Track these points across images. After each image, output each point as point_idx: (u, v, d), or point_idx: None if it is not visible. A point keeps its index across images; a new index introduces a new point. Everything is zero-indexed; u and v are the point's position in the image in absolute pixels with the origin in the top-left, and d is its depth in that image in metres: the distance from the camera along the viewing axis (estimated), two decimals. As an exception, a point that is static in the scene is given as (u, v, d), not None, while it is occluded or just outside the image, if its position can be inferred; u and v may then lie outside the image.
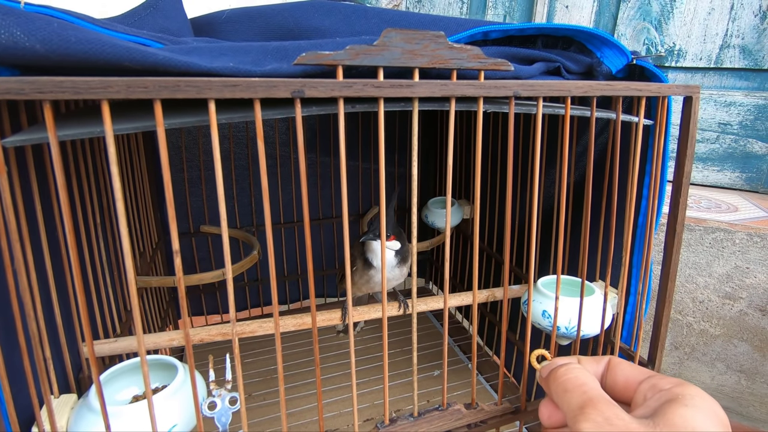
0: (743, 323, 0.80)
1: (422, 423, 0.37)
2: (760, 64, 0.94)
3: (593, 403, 0.23)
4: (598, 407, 0.23)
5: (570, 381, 0.25)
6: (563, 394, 0.25)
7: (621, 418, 0.22)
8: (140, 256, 0.64)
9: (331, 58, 0.27)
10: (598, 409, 0.23)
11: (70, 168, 0.40)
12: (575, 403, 0.24)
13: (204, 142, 0.77)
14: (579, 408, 0.23)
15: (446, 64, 0.29)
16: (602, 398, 0.24)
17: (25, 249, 0.29)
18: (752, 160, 0.99)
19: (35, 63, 0.25)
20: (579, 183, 0.56)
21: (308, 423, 0.64)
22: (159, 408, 0.31)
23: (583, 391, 0.24)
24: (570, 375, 0.26)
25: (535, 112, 0.33)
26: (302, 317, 0.46)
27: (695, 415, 0.22)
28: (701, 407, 0.22)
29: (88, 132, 0.25)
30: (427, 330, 0.88)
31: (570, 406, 0.24)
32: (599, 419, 0.22)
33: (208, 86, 0.24)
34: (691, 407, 0.22)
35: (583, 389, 0.24)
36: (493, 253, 0.75)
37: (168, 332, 0.43)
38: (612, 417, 0.22)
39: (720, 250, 0.79)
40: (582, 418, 0.23)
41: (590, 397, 0.24)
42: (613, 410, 0.23)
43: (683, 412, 0.22)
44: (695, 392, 0.23)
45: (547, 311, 0.45)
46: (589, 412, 0.23)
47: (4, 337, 0.30)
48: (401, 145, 0.90)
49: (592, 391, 0.24)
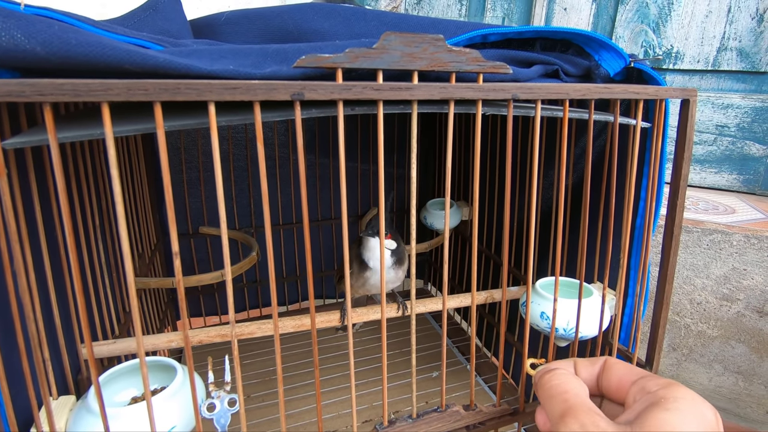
0: (740, 325, 0.80)
1: (421, 424, 0.37)
2: (757, 67, 0.95)
3: (572, 410, 0.23)
4: (576, 415, 0.23)
5: (553, 388, 0.26)
6: (548, 400, 0.25)
7: (596, 425, 0.22)
8: (139, 258, 0.64)
9: (330, 61, 0.27)
10: (576, 417, 0.23)
11: (69, 169, 0.40)
12: (557, 410, 0.24)
13: (203, 144, 0.77)
14: (559, 416, 0.24)
15: (445, 67, 0.29)
16: (582, 406, 0.24)
17: (24, 251, 0.29)
18: (749, 162, 0.99)
19: (36, 65, 0.25)
20: (577, 185, 0.57)
21: (307, 424, 0.64)
22: (158, 409, 0.31)
23: (565, 398, 0.24)
24: (554, 382, 0.26)
25: (533, 115, 0.33)
26: (301, 318, 0.46)
27: (675, 419, 0.21)
28: (684, 410, 0.22)
29: (88, 134, 0.25)
30: (425, 331, 0.88)
31: (552, 413, 0.25)
32: (575, 427, 0.22)
33: (208, 89, 0.24)
34: (673, 411, 0.22)
35: (564, 396, 0.25)
36: (492, 255, 0.76)
37: (167, 333, 0.43)
38: (588, 424, 0.22)
39: (717, 252, 0.79)
40: (561, 426, 0.23)
41: (570, 405, 0.24)
42: (591, 417, 0.23)
43: (663, 416, 0.21)
44: (681, 394, 0.23)
45: (545, 313, 0.45)
46: (567, 420, 0.23)
47: (3, 339, 0.30)
48: (400, 146, 0.90)
49: (574, 399, 0.24)
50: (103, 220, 0.49)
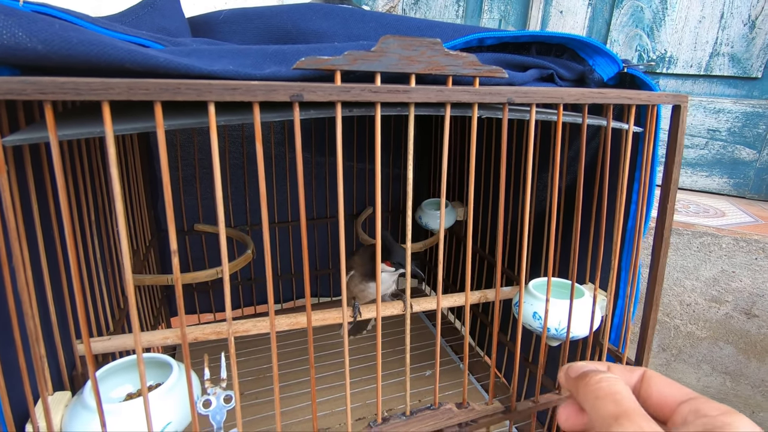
0: (729, 326, 0.81)
1: (414, 422, 0.37)
2: (749, 72, 0.96)
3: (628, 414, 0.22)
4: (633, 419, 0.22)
5: (602, 389, 0.24)
6: (594, 400, 0.24)
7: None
8: (134, 255, 0.64)
9: (329, 63, 0.27)
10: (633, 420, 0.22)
11: (66, 166, 0.40)
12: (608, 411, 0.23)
13: (199, 141, 0.77)
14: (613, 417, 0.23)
15: (442, 71, 0.30)
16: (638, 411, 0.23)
17: (22, 247, 0.29)
18: (740, 166, 1.01)
19: (36, 63, 0.25)
20: (571, 187, 0.57)
21: (301, 422, 0.64)
22: (154, 406, 0.32)
23: (616, 400, 0.23)
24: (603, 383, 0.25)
25: (528, 118, 0.34)
26: (296, 316, 0.46)
27: None
28: None
29: (88, 132, 0.25)
30: (419, 330, 0.89)
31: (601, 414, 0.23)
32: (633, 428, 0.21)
33: (209, 89, 0.25)
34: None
35: (616, 398, 0.24)
36: (486, 255, 0.76)
37: (162, 330, 0.44)
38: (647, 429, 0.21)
39: (707, 254, 0.80)
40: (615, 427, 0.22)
41: (625, 409, 0.23)
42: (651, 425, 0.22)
43: None
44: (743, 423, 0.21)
45: (537, 313, 0.46)
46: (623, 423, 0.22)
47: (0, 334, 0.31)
48: (396, 146, 0.90)
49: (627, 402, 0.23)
50: (98, 217, 0.49)
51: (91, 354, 0.27)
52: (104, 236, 0.50)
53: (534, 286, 0.49)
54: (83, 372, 0.40)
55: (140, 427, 0.31)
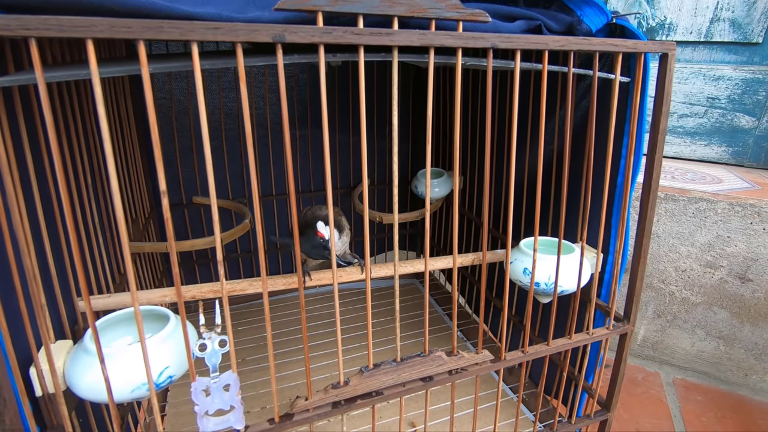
0: (723, 291, 0.82)
1: (405, 368, 0.38)
2: (749, 38, 0.95)
3: None
4: None
5: None
6: None
7: None
8: (132, 223, 0.65)
9: (311, 3, 0.27)
10: None
11: (60, 128, 0.41)
12: None
13: (194, 112, 0.77)
14: None
15: (425, 13, 0.30)
16: None
17: (19, 203, 0.30)
18: (739, 134, 1.00)
19: (21, 3, 0.25)
20: (563, 146, 0.58)
21: (298, 385, 0.66)
22: (152, 351, 0.33)
23: None
24: None
25: (513, 67, 0.34)
26: (291, 276, 0.47)
27: None
28: None
29: (74, 74, 0.26)
30: (414, 300, 0.90)
31: None
32: None
33: (191, 29, 0.25)
34: None
35: None
36: (479, 221, 0.77)
37: (161, 289, 0.45)
38: None
39: (702, 220, 0.81)
40: None
41: None
42: None
43: None
44: None
45: (527, 269, 0.47)
46: None
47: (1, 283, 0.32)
48: (389, 120, 0.90)
49: None
50: (95, 182, 0.49)
51: (90, 304, 0.28)
52: (103, 209, 0.51)
53: (525, 244, 0.50)
54: (85, 326, 0.41)
55: (139, 370, 0.32)
